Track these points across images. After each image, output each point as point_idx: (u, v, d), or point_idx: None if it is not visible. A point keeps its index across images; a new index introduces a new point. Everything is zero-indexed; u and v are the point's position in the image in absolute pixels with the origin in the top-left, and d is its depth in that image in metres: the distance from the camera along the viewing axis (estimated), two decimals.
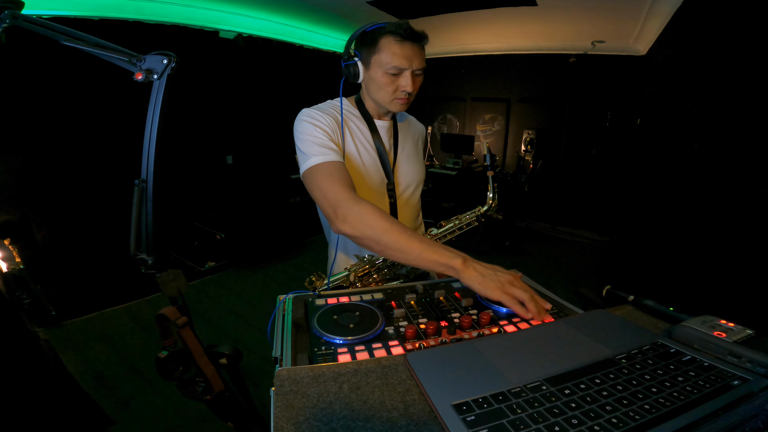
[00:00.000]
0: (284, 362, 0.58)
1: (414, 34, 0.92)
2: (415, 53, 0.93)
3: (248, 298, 3.02)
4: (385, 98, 0.98)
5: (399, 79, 0.94)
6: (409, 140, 1.14)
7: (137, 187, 0.82)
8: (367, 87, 1.01)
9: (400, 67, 0.92)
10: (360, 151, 1.02)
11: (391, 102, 0.98)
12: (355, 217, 0.80)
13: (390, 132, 1.09)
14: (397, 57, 0.91)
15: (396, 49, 0.91)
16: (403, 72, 0.93)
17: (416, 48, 0.93)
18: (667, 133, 2.42)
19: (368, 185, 1.03)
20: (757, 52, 1.44)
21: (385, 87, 0.95)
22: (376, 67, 0.94)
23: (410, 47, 0.92)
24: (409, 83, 0.93)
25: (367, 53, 0.96)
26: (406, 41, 0.91)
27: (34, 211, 2.86)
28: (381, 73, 0.94)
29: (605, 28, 3.64)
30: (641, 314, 0.69)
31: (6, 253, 2.57)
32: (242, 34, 3.89)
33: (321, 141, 0.93)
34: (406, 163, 1.10)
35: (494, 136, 5.21)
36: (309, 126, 0.94)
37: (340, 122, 1.00)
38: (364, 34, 0.96)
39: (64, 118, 2.87)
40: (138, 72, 0.79)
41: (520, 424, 0.41)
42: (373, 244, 0.79)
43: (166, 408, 1.85)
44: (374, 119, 1.06)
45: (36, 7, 2.60)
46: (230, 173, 4.16)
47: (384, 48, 0.92)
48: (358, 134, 1.03)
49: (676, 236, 1.98)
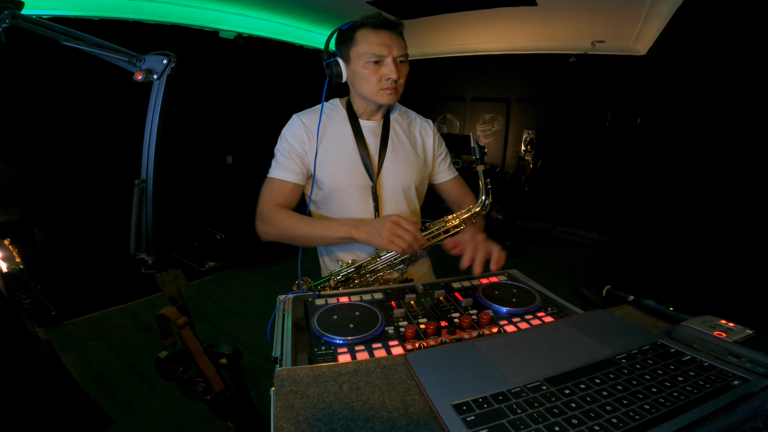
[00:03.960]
0: (284, 362, 0.58)
1: (388, 22, 0.94)
2: (393, 40, 0.94)
3: (248, 298, 3.02)
4: (371, 90, 0.96)
5: (381, 67, 0.94)
6: (404, 140, 1.11)
7: (137, 187, 0.82)
8: (353, 84, 1.01)
9: (380, 54, 0.92)
10: (340, 153, 1.03)
11: (378, 93, 0.96)
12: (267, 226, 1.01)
13: (377, 132, 1.07)
14: (375, 45, 0.92)
15: (373, 38, 0.92)
16: (384, 59, 0.93)
17: (393, 35, 0.94)
18: (667, 133, 2.42)
19: (352, 188, 1.04)
20: (757, 52, 1.44)
21: (369, 78, 0.95)
22: (356, 59, 0.95)
23: (387, 35, 0.93)
24: (392, 70, 0.93)
25: (345, 49, 0.97)
26: (382, 29, 0.93)
27: (34, 211, 2.86)
28: (362, 64, 0.94)
29: (605, 28, 3.63)
30: (641, 314, 0.69)
31: (6, 253, 2.57)
32: (242, 34, 3.89)
33: (282, 156, 1.03)
34: (394, 164, 1.07)
35: (494, 136, 5.21)
36: (282, 138, 1.04)
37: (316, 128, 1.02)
38: (341, 33, 0.98)
39: (65, 118, 2.87)
40: (138, 72, 0.79)
41: (520, 424, 0.41)
42: (288, 241, 1.00)
43: (166, 408, 1.85)
44: (361, 119, 1.06)
45: (36, 7, 2.60)
46: (230, 173, 4.16)
47: (361, 39, 0.93)
48: (340, 137, 1.04)
49: (676, 236, 1.97)
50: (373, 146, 1.06)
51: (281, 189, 1.03)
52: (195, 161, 3.82)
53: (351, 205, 1.05)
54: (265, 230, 1.02)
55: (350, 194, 1.04)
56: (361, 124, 1.06)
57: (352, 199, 1.04)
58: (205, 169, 3.95)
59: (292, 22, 4.13)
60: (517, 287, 0.79)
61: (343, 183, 1.03)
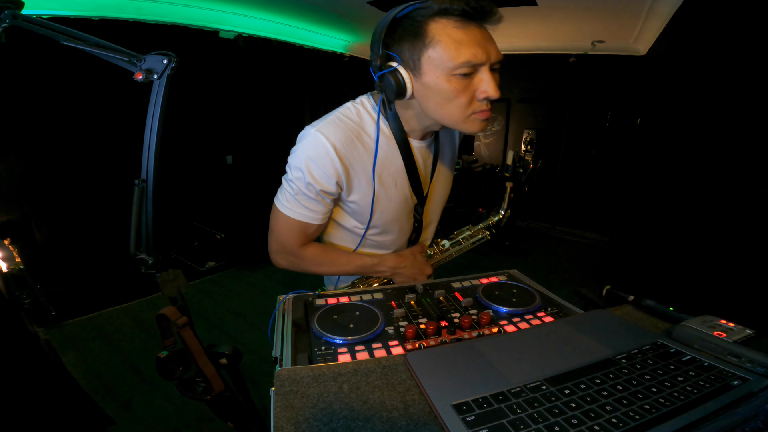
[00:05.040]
0: (284, 362, 0.58)
1: (482, 9, 0.62)
2: (487, 38, 0.65)
3: (248, 298, 3.02)
4: (456, 115, 0.68)
5: (473, 81, 0.66)
6: (448, 152, 0.94)
7: (137, 187, 0.82)
8: (421, 102, 0.71)
9: (474, 61, 0.63)
10: (388, 185, 0.81)
11: (467, 119, 0.68)
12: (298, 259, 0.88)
13: (428, 153, 0.85)
14: (465, 46, 0.62)
15: (460, 36, 0.62)
16: (479, 69, 0.65)
17: (485, 31, 0.66)
18: (667, 133, 2.42)
19: (393, 215, 0.87)
20: (757, 52, 1.44)
21: (456, 97, 0.65)
22: (432, 69, 0.65)
23: (479, 32, 0.64)
24: (491, 85, 0.65)
25: (410, 51, 0.66)
26: (471, 22, 0.63)
27: (34, 211, 2.85)
28: (443, 76, 0.64)
29: (605, 28, 3.63)
30: (641, 314, 0.69)
31: (6, 253, 2.57)
32: (242, 34, 3.89)
33: (304, 196, 0.78)
34: (442, 183, 0.93)
35: (494, 136, 5.21)
36: (304, 171, 0.75)
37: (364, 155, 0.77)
38: (397, 24, 0.66)
39: (65, 118, 2.87)
40: (138, 72, 0.79)
41: (520, 424, 0.41)
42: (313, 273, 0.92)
43: (166, 408, 1.85)
44: (411, 137, 0.81)
45: (36, 7, 2.60)
46: (230, 173, 4.16)
47: (439, 37, 0.63)
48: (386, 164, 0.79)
49: (676, 236, 1.98)
50: (424, 170, 0.86)
51: (305, 229, 0.83)
52: (195, 161, 3.82)
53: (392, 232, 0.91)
54: (287, 262, 0.89)
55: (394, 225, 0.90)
56: (412, 146, 0.81)
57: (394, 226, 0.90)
58: (205, 169, 3.95)
59: (292, 22, 4.13)
60: (517, 287, 0.79)
61: (390, 217, 0.86)
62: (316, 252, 0.87)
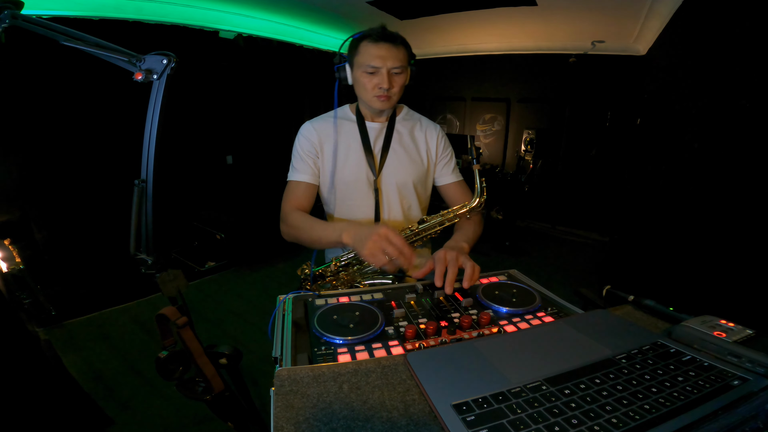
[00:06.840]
0: (284, 362, 0.58)
1: (387, 35, 1.02)
2: (391, 53, 1.02)
3: (248, 298, 3.02)
4: (366, 96, 1.07)
5: (375, 77, 1.03)
6: (406, 141, 1.19)
7: (137, 187, 0.82)
8: (356, 89, 1.11)
9: (374, 65, 1.01)
10: (349, 152, 1.14)
11: (372, 99, 1.07)
12: (284, 226, 1.09)
13: (381, 132, 1.17)
14: (371, 57, 1.01)
15: (372, 50, 1.01)
16: (379, 70, 1.02)
17: (392, 48, 1.02)
18: (667, 133, 2.42)
19: (357, 183, 1.14)
20: (757, 52, 1.44)
21: (365, 86, 1.05)
22: (357, 68, 1.05)
23: (385, 47, 1.01)
24: (384, 80, 1.02)
25: (351, 57, 1.07)
26: (381, 42, 1.01)
27: (34, 211, 2.86)
28: (360, 73, 1.05)
29: (605, 28, 3.64)
30: (641, 314, 0.69)
31: (6, 253, 2.57)
32: (242, 34, 3.89)
33: (297, 159, 1.14)
34: (396, 162, 1.16)
35: (494, 136, 5.21)
36: (296, 144, 1.15)
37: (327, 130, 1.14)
38: (351, 41, 1.08)
39: (64, 118, 2.87)
40: (138, 72, 0.79)
41: (520, 424, 0.41)
42: (300, 242, 1.07)
43: (166, 408, 1.85)
44: (368, 121, 1.16)
45: (36, 7, 2.61)
46: (230, 173, 4.16)
47: (362, 50, 1.03)
48: (348, 137, 1.15)
49: (676, 236, 1.98)
50: (377, 145, 1.16)
51: (296, 190, 1.12)
52: (195, 161, 3.82)
53: (356, 198, 1.15)
54: (283, 230, 1.11)
55: (354, 188, 1.14)
56: (367, 126, 1.15)
57: (356, 192, 1.14)
58: (205, 169, 3.95)
59: (292, 22, 4.13)
60: (517, 287, 0.79)
61: (349, 177, 1.13)
62: (298, 217, 1.06)
